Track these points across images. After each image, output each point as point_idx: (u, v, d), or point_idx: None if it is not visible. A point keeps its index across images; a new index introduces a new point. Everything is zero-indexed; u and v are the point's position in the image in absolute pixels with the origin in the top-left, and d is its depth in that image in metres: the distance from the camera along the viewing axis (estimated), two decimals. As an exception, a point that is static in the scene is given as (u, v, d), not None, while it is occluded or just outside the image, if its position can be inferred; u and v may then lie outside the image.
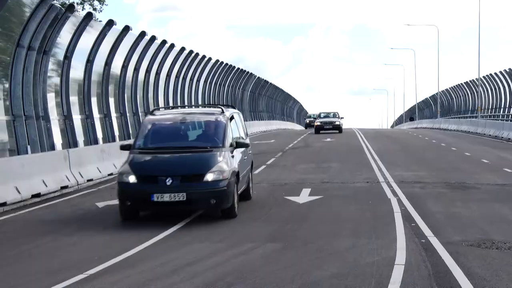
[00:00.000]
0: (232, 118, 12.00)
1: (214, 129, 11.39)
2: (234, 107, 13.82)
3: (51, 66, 17.76)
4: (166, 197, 10.21)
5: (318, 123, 42.99)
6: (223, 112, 11.77)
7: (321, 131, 41.89)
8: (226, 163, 10.59)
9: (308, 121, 62.25)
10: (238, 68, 44.86)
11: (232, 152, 11.05)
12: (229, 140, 11.16)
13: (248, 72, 48.42)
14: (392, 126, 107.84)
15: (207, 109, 12.88)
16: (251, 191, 12.85)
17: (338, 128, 42.35)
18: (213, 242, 9.03)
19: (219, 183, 10.28)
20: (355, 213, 11.16)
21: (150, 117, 11.96)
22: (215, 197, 10.26)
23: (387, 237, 9.08)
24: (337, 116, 44.51)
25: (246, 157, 12.16)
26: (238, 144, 11.42)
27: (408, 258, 7.81)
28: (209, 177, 10.31)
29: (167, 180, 10.26)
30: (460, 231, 9.53)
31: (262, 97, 58.31)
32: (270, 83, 60.43)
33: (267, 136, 41.36)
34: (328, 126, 42.45)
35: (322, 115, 45.39)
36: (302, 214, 11.21)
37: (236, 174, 10.85)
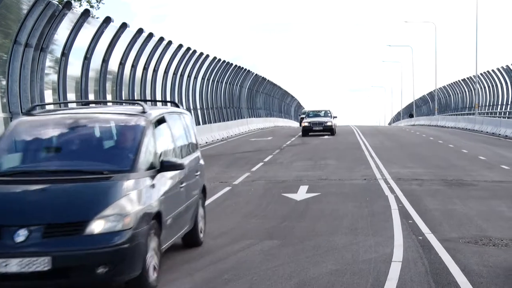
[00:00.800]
0: (161, 121, 7.60)
1: (120, 141, 7.06)
2: (176, 104, 9.61)
3: (48, 63, 17.75)
4: (14, 266, 5.74)
5: (306, 124, 35.71)
6: (144, 112, 7.30)
7: (309, 133, 35.06)
8: (131, 200, 6.21)
9: (301, 118, 60.49)
10: (236, 65, 44.85)
11: (152, 178, 6.71)
12: (147, 159, 6.77)
13: (245, 69, 48.42)
14: (389, 123, 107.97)
15: (118, 108, 8.48)
16: (200, 234, 8.52)
17: (330, 130, 35.13)
18: (210, 239, 9.03)
19: (114, 237, 5.92)
20: (353, 210, 11.18)
21: (22, 119, 7.53)
22: (105, 262, 5.87)
23: (384, 234, 9.10)
24: (329, 115, 37.20)
25: (186, 183, 7.78)
26: (165, 166, 6.94)
27: (405, 255, 7.83)
28: (96, 226, 5.93)
29: (19, 233, 5.83)
30: (457, 228, 9.55)
31: (259, 94, 58.32)
32: (268, 80, 60.43)
33: (265, 133, 41.37)
34: (317, 128, 35.22)
35: (311, 114, 38.07)
36: (299, 211, 11.22)
37: (156, 217, 6.53)
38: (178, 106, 9.39)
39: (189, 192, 7.99)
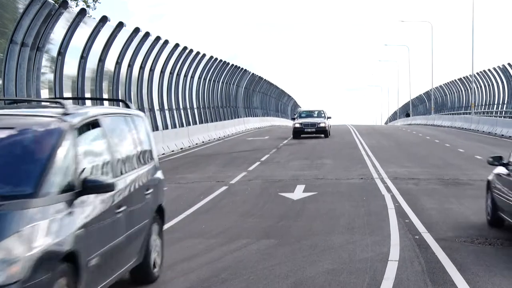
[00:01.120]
0: (91, 126, 5.79)
1: (23, 154, 5.06)
2: (126, 104, 7.45)
3: (44, 62, 17.72)
4: None
5: (297, 125, 33.09)
6: (66, 114, 5.47)
7: (301, 135, 32.67)
8: (25, 238, 4.39)
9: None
10: (233, 65, 44.84)
11: (69, 204, 4.94)
12: (62, 178, 4.99)
13: (242, 68, 48.41)
14: (386, 123, 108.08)
15: (29, 109, 6.10)
16: (154, 269, 6.84)
17: (323, 132, 32.67)
18: (207, 238, 9.03)
19: None
20: (349, 209, 11.19)
21: None
22: None
23: (381, 233, 9.11)
24: (323, 115, 34.49)
25: (126, 207, 5.95)
26: (88, 187, 5.16)
27: (402, 254, 7.84)
28: None
29: None
30: (454, 227, 9.57)
31: (256, 94, 58.32)
32: (265, 79, 60.43)
33: (261, 132, 41.37)
34: (309, 129, 32.69)
35: (303, 114, 35.15)
36: (296, 211, 11.23)
37: (68, 258, 4.75)
38: (128, 106, 7.36)
39: (133, 218, 6.15)
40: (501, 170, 9.21)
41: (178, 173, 17.66)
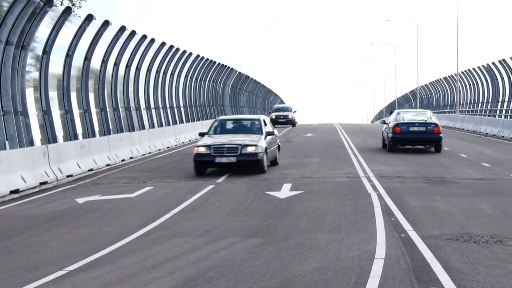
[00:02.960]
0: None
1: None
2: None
3: (29, 61, 17.59)
4: None
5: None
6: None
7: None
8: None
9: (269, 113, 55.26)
10: (219, 63, 44.78)
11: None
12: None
13: (229, 67, 48.37)
14: (372, 121, 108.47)
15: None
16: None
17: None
18: (194, 237, 9.03)
19: None
20: (336, 208, 11.22)
21: None
22: None
23: (367, 232, 9.15)
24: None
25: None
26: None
27: (388, 252, 7.88)
28: None
29: None
30: (439, 225, 9.64)
31: (243, 92, 58.29)
32: (251, 78, 60.42)
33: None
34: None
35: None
36: (283, 209, 11.25)
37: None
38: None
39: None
40: (384, 125, 23.44)
41: (165, 172, 17.62)
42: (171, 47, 31.32)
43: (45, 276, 7.24)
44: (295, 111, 48.69)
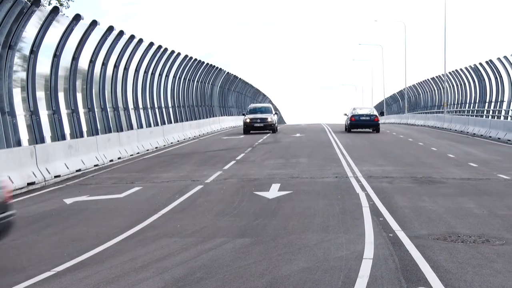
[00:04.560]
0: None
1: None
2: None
3: (16, 60, 17.50)
4: None
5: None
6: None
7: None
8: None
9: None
10: (208, 64, 44.73)
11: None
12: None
13: (217, 67, 48.33)
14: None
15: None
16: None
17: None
18: (182, 237, 9.02)
19: None
20: (324, 208, 11.25)
21: None
22: None
23: (355, 232, 9.18)
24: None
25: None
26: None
27: (376, 252, 7.91)
28: None
29: None
30: (427, 225, 9.68)
31: (231, 93, 58.27)
32: (240, 78, 60.41)
33: (237, 131, 41.35)
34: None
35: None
36: (271, 209, 11.26)
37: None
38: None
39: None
40: (346, 116, 37.07)
41: (153, 172, 17.58)
42: (159, 47, 31.26)
43: (33, 277, 7.21)
44: (276, 113, 38.86)
